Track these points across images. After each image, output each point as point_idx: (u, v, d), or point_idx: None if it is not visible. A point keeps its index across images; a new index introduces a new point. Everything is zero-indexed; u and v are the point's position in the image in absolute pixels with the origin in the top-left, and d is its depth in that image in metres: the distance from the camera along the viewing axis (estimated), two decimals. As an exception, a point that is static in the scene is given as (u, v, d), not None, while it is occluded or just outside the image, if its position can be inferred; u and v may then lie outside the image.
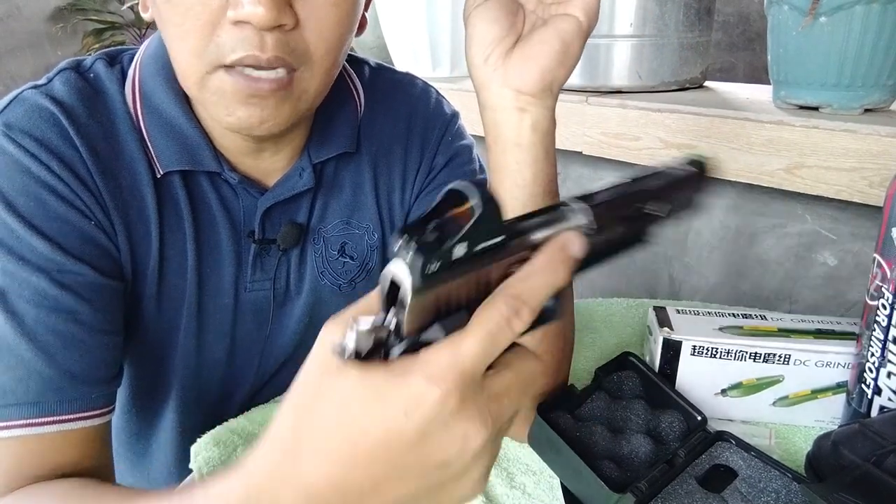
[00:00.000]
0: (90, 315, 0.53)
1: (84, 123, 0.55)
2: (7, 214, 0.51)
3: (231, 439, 0.66)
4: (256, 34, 0.49)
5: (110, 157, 0.56)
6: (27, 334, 0.50)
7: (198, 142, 0.59)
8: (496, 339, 0.28)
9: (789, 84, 1.02)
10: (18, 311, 0.50)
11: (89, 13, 2.62)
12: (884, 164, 0.90)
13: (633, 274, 1.39)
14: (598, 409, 0.63)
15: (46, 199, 0.52)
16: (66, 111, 0.55)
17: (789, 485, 0.56)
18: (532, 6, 0.54)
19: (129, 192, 0.57)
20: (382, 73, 0.74)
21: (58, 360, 0.51)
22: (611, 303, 0.98)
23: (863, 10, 0.89)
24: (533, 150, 0.55)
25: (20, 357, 0.50)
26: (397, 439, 0.28)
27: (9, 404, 0.50)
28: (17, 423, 0.50)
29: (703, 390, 0.67)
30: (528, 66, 0.52)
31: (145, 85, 0.59)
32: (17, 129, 0.53)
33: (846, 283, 1.08)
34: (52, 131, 0.54)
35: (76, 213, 0.54)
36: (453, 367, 0.27)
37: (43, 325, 0.51)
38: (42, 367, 0.50)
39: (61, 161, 0.53)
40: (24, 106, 0.54)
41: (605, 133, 1.21)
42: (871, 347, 0.59)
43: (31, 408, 0.50)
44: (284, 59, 0.50)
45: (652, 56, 1.22)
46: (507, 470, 0.62)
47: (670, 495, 0.55)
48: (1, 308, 0.50)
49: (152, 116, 0.58)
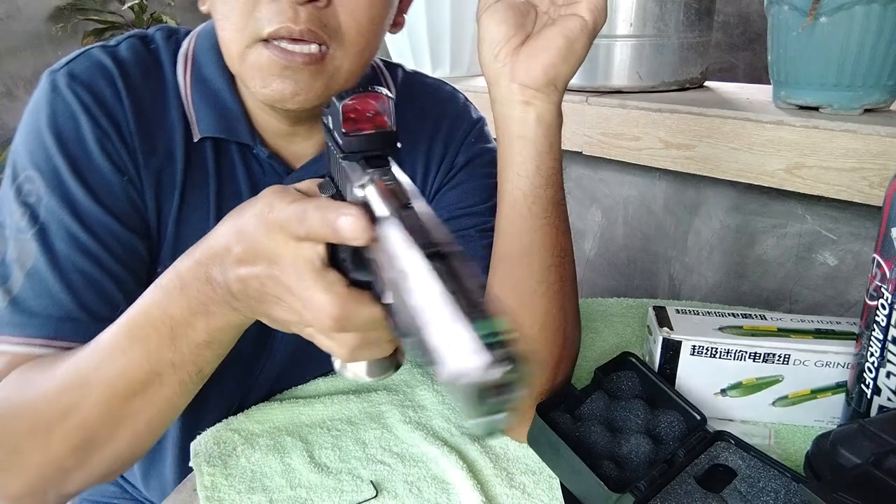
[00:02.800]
0: (111, 263, 0.59)
1: (136, 86, 0.61)
2: (59, 156, 0.57)
3: (231, 438, 0.66)
4: (291, 7, 0.53)
5: (153, 120, 0.62)
6: (57, 269, 0.56)
7: (236, 114, 0.64)
8: (309, 222, 0.39)
9: (789, 84, 1.02)
10: (53, 247, 0.57)
11: (89, 13, 2.62)
12: (884, 164, 0.90)
13: (633, 274, 1.39)
14: (597, 408, 0.63)
15: (90, 149, 0.58)
16: (124, 72, 0.61)
17: (788, 484, 0.56)
18: (545, 7, 0.57)
19: (164, 154, 0.62)
20: (415, 77, 0.78)
21: (79, 296, 0.57)
22: (611, 303, 0.98)
23: (863, 10, 0.89)
24: (537, 143, 0.57)
25: (48, 287, 0.56)
26: (252, 221, 0.42)
27: (32, 323, 0.56)
28: (35, 341, 0.55)
29: (703, 390, 0.67)
30: (533, 62, 0.55)
31: (198, 57, 0.65)
32: (79, 80, 0.59)
33: (846, 283, 1.08)
34: (108, 88, 0.60)
35: (112, 167, 0.59)
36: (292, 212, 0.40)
37: (71, 264, 0.57)
38: (64, 299, 0.56)
39: (109, 116, 0.59)
40: (89, 60, 0.61)
41: (605, 133, 1.22)
42: (871, 347, 0.59)
43: (50, 330, 0.56)
44: (316, 33, 0.55)
45: (652, 56, 1.22)
46: (507, 470, 0.63)
47: (670, 495, 0.55)
48: (41, 241, 0.56)
49: (199, 85, 0.64)
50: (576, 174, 1.41)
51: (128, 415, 0.51)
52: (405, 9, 0.67)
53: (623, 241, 1.39)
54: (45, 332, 0.55)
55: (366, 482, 0.61)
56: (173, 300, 0.47)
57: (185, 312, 0.46)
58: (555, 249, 0.59)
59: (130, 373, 0.49)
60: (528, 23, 0.56)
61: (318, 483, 0.61)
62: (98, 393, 0.50)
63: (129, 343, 0.49)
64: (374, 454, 0.65)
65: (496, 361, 0.26)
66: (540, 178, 0.58)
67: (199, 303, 0.46)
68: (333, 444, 0.66)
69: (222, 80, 0.63)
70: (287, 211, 0.40)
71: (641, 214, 1.34)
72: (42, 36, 2.54)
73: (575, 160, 1.37)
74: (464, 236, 0.69)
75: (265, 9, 0.54)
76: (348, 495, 0.59)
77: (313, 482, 0.61)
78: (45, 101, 0.59)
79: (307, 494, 0.59)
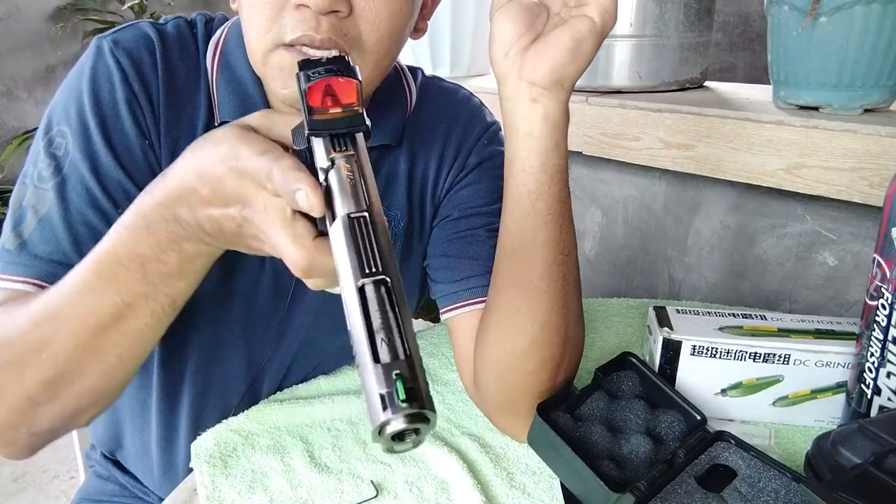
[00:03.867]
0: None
1: (172, 62, 0.65)
2: (91, 115, 0.61)
3: (231, 438, 0.66)
4: (313, 17, 0.55)
5: (182, 96, 0.65)
6: (66, 219, 0.59)
7: (257, 102, 0.66)
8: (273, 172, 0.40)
9: (789, 84, 1.02)
10: (68, 198, 0.60)
11: (89, 13, 2.62)
12: (884, 164, 0.90)
13: (633, 274, 1.39)
14: (597, 408, 0.63)
15: (120, 110, 0.62)
16: (165, 47, 0.65)
17: (789, 485, 0.56)
18: (557, 8, 0.58)
19: (186, 128, 0.65)
20: (434, 80, 0.80)
21: (81, 247, 0.59)
22: (611, 303, 0.98)
23: (863, 10, 0.89)
24: (543, 141, 0.57)
25: (55, 234, 0.59)
26: (211, 154, 0.44)
27: (34, 265, 0.58)
28: (33, 281, 0.58)
29: (703, 390, 0.67)
30: (540, 61, 0.56)
31: (227, 46, 0.67)
32: (122, 47, 0.63)
33: (846, 283, 1.08)
34: (147, 57, 0.64)
35: (137, 130, 0.63)
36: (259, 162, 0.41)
37: (81, 216, 0.60)
38: (67, 247, 0.59)
39: (142, 82, 0.63)
40: (136, 31, 0.65)
41: (605, 133, 1.22)
42: (871, 347, 0.59)
43: (47, 272, 0.58)
44: (337, 42, 0.56)
45: (652, 56, 1.22)
46: (507, 470, 0.63)
47: (670, 495, 0.55)
48: (58, 191, 0.60)
49: (225, 71, 0.66)
50: (576, 174, 1.41)
51: (99, 348, 0.52)
52: (427, 15, 0.68)
53: (623, 240, 1.39)
54: (42, 274, 0.58)
55: (366, 482, 0.61)
56: (140, 239, 0.48)
57: (154, 250, 0.48)
58: (558, 247, 0.59)
59: (101, 308, 0.50)
60: (539, 23, 0.57)
61: (319, 483, 0.61)
62: (69, 328, 0.51)
63: (97, 280, 0.50)
64: (374, 454, 0.65)
65: (395, 416, 0.28)
66: (545, 175, 0.58)
67: (169, 240, 0.47)
68: (334, 444, 0.66)
69: (247, 70, 0.65)
70: (254, 163, 0.42)
71: (641, 214, 1.34)
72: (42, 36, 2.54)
73: (575, 160, 1.37)
74: (472, 235, 0.70)
75: (289, 17, 0.56)
76: (348, 495, 0.59)
77: (314, 482, 0.61)
78: (90, 62, 0.63)
79: (307, 494, 0.59)
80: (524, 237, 0.59)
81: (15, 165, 2.40)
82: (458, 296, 0.69)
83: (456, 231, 0.71)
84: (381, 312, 0.31)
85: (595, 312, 0.94)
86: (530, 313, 0.60)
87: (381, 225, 0.35)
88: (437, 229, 0.73)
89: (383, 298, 0.32)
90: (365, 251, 0.33)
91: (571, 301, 0.63)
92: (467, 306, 0.68)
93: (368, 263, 0.33)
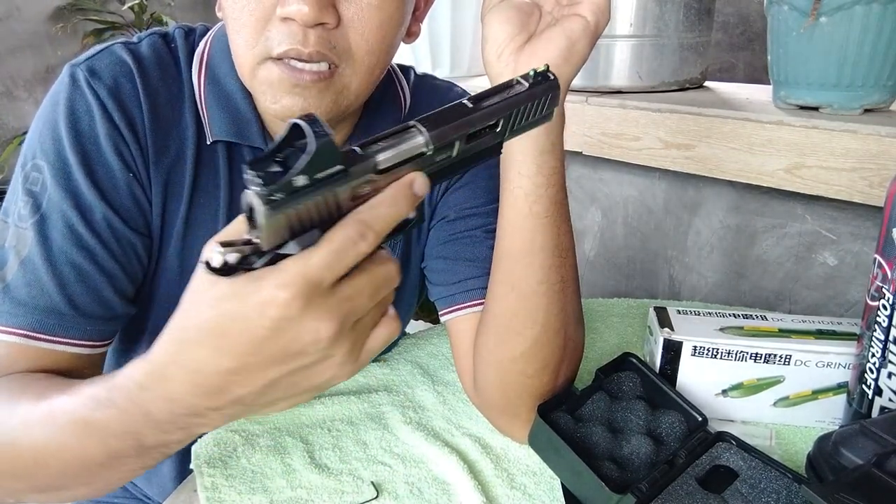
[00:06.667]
0: (106, 259, 0.59)
1: (153, 85, 0.62)
2: (70, 149, 0.58)
3: (231, 439, 0.66)
4: (301, 30, 0.54)
5: (167, 119, 0.62)
6: (49, 260, 0.56)
7: (249, 118, 0.64)
8: (342, 255, 0.33)
9: (789, 84, 1.02)
10: (49, 237, 0.57)
11: (89, 13, 2.62)
12: (884, 164, 0.90)
13: (633, 274, 1.39)
14: (598, 409, 0.63)
15: (102, 145, 0.59)
16: (143, 71, 0.61)
17: (790, 485, 0.56)
18: (549, 7, 0.57)
19: (175, 154, 0.63)
20: (425, 80, 0.79)
21: (67, 290, 0.57)
22: (611, 303, 0.98)
23: (863, 10, 0.89)
24: (538, 142, 0.57)
25: (38, 277, 0.56)
26: (255, 333, 0.34)
27: (18, 313, 0.56)
28: (18, 331, 0.56)
29: (704, 391, 0.67)
30: (534, 61, 0.55)
31: (212, 59, 0.65)
32: (98, 76, 0.60)
33: (846, 283, 1.08)
34: (126, 85, 0.60)
35: (121, 164, 0.59)
36: (301, 275, 0.33)
37: (64, 256, 0.57)
38: (52, 291, 0.56)
39: (124, 112, 0.60)
40: (110, 57, 0.61)
41: (605, 133, 1.21)
42: (872, 348, 0.59)
43: (34, 321, 0.56)
44: (325, 55, 0.55)
45: (652, 56, 1.22)
46: (508, 471, 0.62)
47: (671, 496, 0.55)
48: (38, 230, 0.57)
49: (212, 87, 0.64)
50: (576, 174, 1.41)
51: (83, 481, 0.49)
52: (420, 17, 0.67)
53: (623, 241, 1.39)
54: (28, 323, 0.56)
55: (366, 483, 0.61)
56: (146, 429, 0.41)
57: (156, 433, 0.42)
58: (556, 249, 0.59)
59: (88, 458, 0.45)
60: (531, 23, 0.56)
61: (319, 484, 0.60)
62: (53, 466, 0.47)
63: (84, 433, 0.44)
64: (374, 455, 0.65)
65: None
66: (541, 178, 0.57)
67: (177, 427, 0.41)
68: (334, 445, 0.66)
69: (236, 84, 0.63)
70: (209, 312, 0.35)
71: (641, 214, 1.34)
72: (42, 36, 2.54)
73: (575, 160, 1.37)
74: (470, 236, 0.69)
75: (276, 30, 0.54)
76: (349, 496, 0.59)
77: (314, 483, 0.61)
78: (65, 93, 0.60)
79: (308, 495, 0.59)
80: (522, 240, 0.59)
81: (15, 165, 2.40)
82: (456, 298, 0.68)
83: (453, 232, 0.70)
84: None
85: (595, 313, 0.94)
86: (529, 317, 0.60)
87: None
88: (434, 231, 0.73)
89: None
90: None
91: (570, 303, 0.62)
92: (465, 308, 0.68)
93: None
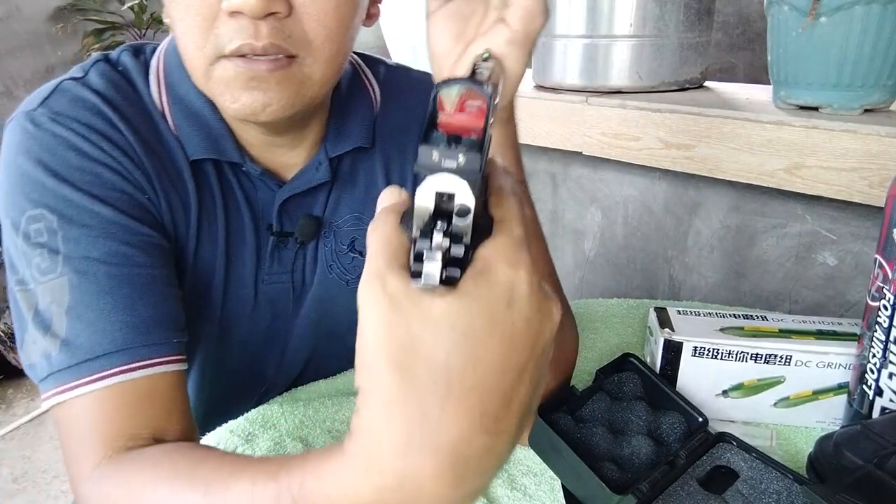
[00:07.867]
0: (158, 270, 0.56)
1: (124, 111, 0.58)
2: (65, 188, 0.53)
3: (231, 439, 0.66)
4: (251, 23, 0.51)
5: (152, 140, 0.59)
6: (104, 290, 0.52)
7: (221, 132, 0.62)
8: (523, 221, 0.29)
9: (789, 84, 1.02)
10: (90, 272, 0.52)
11: (89, 13, 2.62)
12: (884, 164, 0.90)
13: (633, 274, 1.39)
14: (598, 410, 0.63)
15: (102, 173, 0.55)
16: (107, 100, 0.58)
17: (791, 486, 0.56)
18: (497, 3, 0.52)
19: (172, 174, 0.60)
20: (399, 72, 0.76)
21: (139, 309, 0.53)
22: (611, 303, 0.98)
23: (863, 10, 0.89)
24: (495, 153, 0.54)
25: (101, 311, 0.52)
26: (511, 337, 0.26)
27: (97, 356, 0.51)
28: (109, 373, 0.50)
29: (704, 391, 0.67)
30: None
31: (169, 76, 0.61)
32: (65, 116, 0.55)
33: (846, 283, 1.08)
34: (98, 118, 0.56)
35: (131, 186, 0.56)
36: (520, 247, 0.27)
37: (117, 280, 0.53)
38: (126, 317, 0.52)
39: (111, 142, 0.56)
40: (67, 97, 0.57)
41: (605, 133, 1.21)
42: (873, 348, 0.59)
43: (122, 356, 0.51)
44: (280, 46, 0.52)
45: (652, 56, 1.22)
46: (508, 471, 0.62)
47: (671, 497, 0.55)
48: (72, 271, 0.52)
49: (178, 106, 0.61)
50: (576, 174, 1.41)
51: None
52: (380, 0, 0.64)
53: (623, 241, 1.39)
54: (115, 361, 0.51)
55: (367, 484, 0.61)
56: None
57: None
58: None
59: None
60: (469, 29, 0.48)
61: (319, 485, 0.60)
62: None
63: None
64: (374, 456, 0.65)
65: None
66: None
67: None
68: (334, 446, 0.66)
69: (200, 98, 0.60)
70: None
71: (641, 214, 1.34)
72: (42, 36, 2.54)
73: (575, 160, 1.37)
74: None
75: (224, 26, 0.51)
76: (349, 497, 0.59)
77: (314, 484, 0.61)
78: (29, 141, 0.54)
79: (308, 496, 0.59)
80: None
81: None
82: None
83: None
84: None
85: (595, 313, 0.94)
86: None
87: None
88: None
89: None
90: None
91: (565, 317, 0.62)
92: None
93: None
